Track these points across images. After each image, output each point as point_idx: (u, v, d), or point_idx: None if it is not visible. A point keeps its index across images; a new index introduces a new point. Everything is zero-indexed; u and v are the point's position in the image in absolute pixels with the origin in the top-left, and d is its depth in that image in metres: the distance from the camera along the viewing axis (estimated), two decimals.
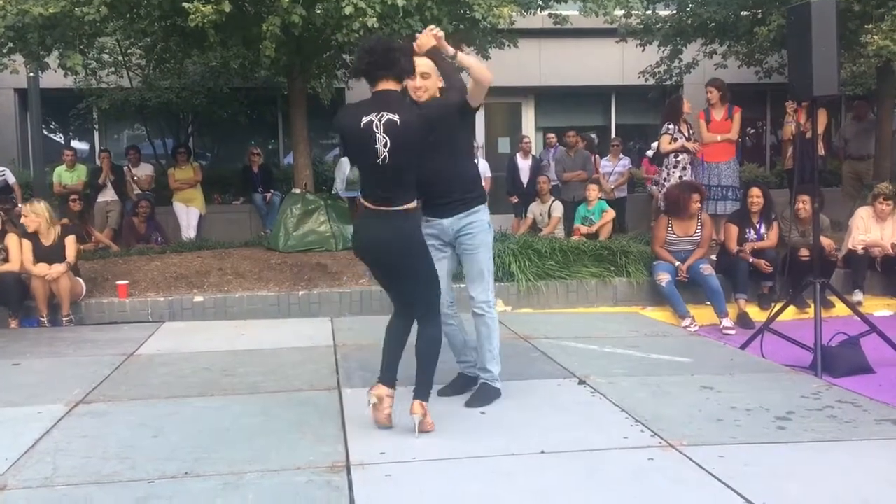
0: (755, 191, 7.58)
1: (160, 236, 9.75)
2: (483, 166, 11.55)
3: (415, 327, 3.74)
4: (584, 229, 8.77)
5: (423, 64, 3.91)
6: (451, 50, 3.86)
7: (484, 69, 3.94)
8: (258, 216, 11.09)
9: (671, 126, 8.41)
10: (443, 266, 4.02)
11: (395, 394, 3.69)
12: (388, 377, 3.66)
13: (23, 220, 6.85)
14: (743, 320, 7.00)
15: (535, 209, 9.75)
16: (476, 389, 4.17)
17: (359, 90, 12.67)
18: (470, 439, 3.58)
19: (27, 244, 6.73)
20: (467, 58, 3.96)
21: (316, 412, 4.00)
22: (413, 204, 3.60)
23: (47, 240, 6.81)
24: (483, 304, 4.09)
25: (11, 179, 10.62)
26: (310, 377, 4.65)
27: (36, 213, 6.80)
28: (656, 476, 3.16)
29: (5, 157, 11.89)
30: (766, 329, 5.63)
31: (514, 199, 11.06)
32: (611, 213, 8.90)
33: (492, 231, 4.16)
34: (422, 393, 3.62)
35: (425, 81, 3.90)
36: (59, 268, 6.60)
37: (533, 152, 11.70)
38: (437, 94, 3.97)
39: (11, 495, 3.02)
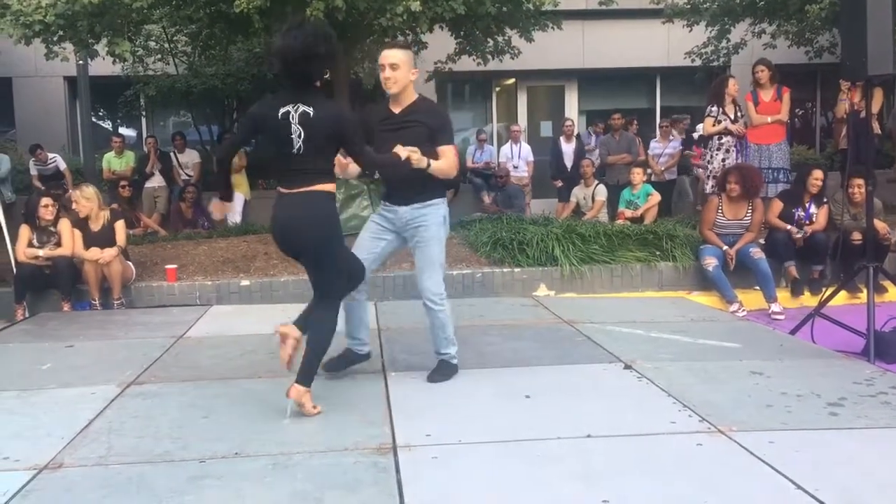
0: (818, 173, 7.41)
1: (206, 221, 9.88)
2: (525, 150, 11.52)
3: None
4: (628, 213, 8.68)
5: (392, 55, 3.86)
6: (425, 163, 3.80)
7: (451, 169, 3.97)
8: None
9: (714, 108, 8.26)
10: (379, 245, 4.15)
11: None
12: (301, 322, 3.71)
13: (74, 205, 6.99)
14: (795, 286, 7.02)
15: (578, 193, 9.69)
16: (437, 365, 4.26)
17: None
18: (516, 422, 3.57)
19: (78, 233, 6.87)
20: (437, 164, 3.92)
21: (361, 395, 4.03)
22: (331, 186, 3.62)
23: (97, 225, 6.94)
24: (434, 295, 4.08)
25: (62, 166, 10.89)
26: None
27: (87, 198, 6.94)
28: (705, 461, 3.12)
29: (56, 143, 12.15)
30: (817, 314, 5.52)
31: (558, 183, 10.99)
32: (656, 197, 8.79)
33: (447, 226, 4.17)
34: (305, 379, 3.62)
35: (394, 73, 3.86)
36: (110, 252, 6.73)
37: (576, 135, 11.60)
38: (410, 86, 3.97)
39: (68, 473, 3.09)
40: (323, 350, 3.70)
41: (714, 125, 8.21)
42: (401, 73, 3.88)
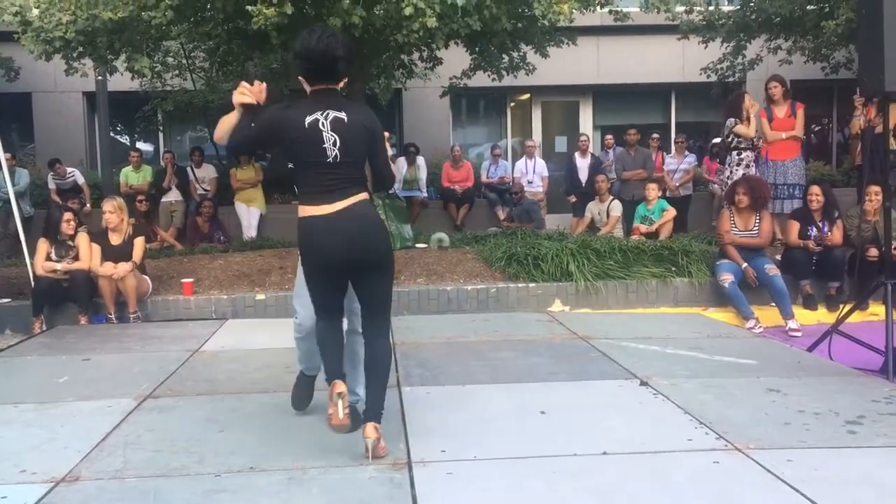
0: (815, 189, 7.45)
1: (222, 235, 9.94)
2: (540, 166, 11.54)
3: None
4: (643, 229, 8.67)
5: None
6: None
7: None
8: None
9: (736, 119, 8.23)
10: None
11: (445, 391, 3.67)
12: (342, 371, 3.34)
13: (107, 215, 7.01)
14: (807, 301, 7.10)
15: (593, 208, 9.68)
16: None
17: (415, 92, 12.80)
18: (531, 439, 3.56)
19: (96, 247, 6.92)
20: None
21: None
22: (367, 194, 3.37)
23: (118, 238, 6.99)
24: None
25: (81, 180, 11.00)
26: None
27: (121, 209, 7.06)
28: (722, 479, 3.10)
29: (74, 158, 12.27)
30: (835, 331, 5.47)
31: (573, 199, 10.98)
32: (671, 212, 8.77)
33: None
34: (375, 414, 3.29)
35: None
36: (124, 267, 6.76)
37: (591, 150, 11.61)
38: None
39: (84, 486, 3.11)
40: (388, 378, 3.44)
41: (748, 127, 8.13)
42: None
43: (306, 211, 3.29)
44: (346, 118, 3.28)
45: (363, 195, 3.34)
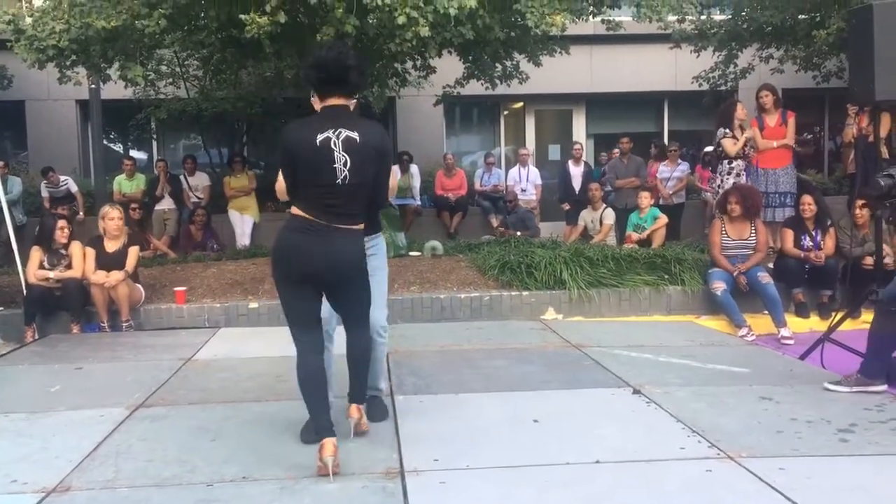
0: (807, 198, 7.46)
1: (216, 243, 9.93)
2: (533, 174, 11.56)
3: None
4: (635, 237, 8.68)
5: None
6: None
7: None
8: None
9: (727, 130, 8.26)
10: None
11: (438, 400, 3.71)
12: (330, 423, 3.36)
13: (116, 221, 7.01)
14: (800, 309, 7.11)
15: (586, 216, 9.69)
16: (372, 405, 3.98)
17: (409, 100, 12.82)
18: (523, 447, 3.57)
19: (90, 252, 6.91)
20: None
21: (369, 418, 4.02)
22: (362, 224, 3.43)
23: (113, 246, 6.98)
24: (382, 328, 3.95)
25: (74, 188, 10.98)
26: None
27: (121, 217, 7.07)
28: (714, 487, 3.10)
29: (67, 166, 12.24)
30: (827, 339, 5.49)
31: (566, 207, 11.00)
32: (663, 220, 8.79)
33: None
34: (359, 396, 3.63)
35: None
36: (116, 275, 6.74)
37: (584, 158, 11.64)
38: None
39: (76, 496, 3.09)
40: (369, 365, 3.72)
41: (735, 143, 8.17)
42: None
43: (300, 212, 3.33)
44: (358, 138, 3.27)
45: (358, 226, 3.38)
